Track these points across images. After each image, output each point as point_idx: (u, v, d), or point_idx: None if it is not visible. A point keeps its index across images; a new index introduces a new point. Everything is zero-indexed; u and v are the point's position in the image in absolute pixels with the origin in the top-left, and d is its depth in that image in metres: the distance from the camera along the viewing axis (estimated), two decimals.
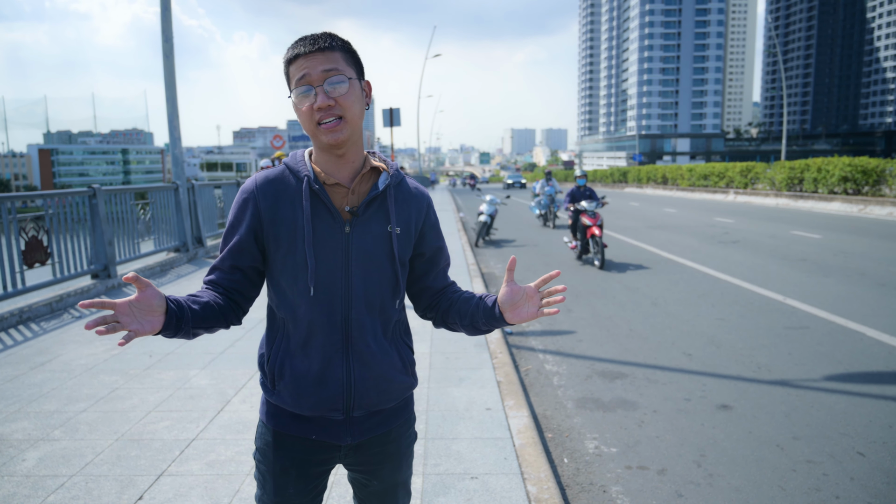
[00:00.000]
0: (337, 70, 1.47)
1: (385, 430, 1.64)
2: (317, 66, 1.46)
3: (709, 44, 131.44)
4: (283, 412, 1.58)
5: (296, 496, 1.60)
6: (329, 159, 1.54)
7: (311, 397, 1.52)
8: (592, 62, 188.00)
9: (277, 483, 1.59)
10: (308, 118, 1.48)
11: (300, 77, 1.46)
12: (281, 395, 1.55)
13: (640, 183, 43.73)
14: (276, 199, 1.52)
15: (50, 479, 3.06)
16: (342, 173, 1.54)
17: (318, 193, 1.51)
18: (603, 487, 3.22)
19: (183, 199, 10.27)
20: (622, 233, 14.99)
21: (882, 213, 17.72)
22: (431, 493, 2.92)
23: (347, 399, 1.54)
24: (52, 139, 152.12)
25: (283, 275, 1.53)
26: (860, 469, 3.29)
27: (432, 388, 4.33)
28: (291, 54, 1.48)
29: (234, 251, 1.54)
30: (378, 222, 1.55)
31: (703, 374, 4.87)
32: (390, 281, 1.57)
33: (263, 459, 1.62)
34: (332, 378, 1.52)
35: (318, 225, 1.50)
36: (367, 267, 1.53)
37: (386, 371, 1.57)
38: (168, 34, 10.29)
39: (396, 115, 22.30)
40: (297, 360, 1.53)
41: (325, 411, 1.54)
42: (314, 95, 1.46)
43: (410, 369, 1.66)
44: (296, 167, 1.55)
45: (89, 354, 5.13)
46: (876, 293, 7.41)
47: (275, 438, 1.59)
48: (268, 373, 1.58)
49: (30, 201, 7.53)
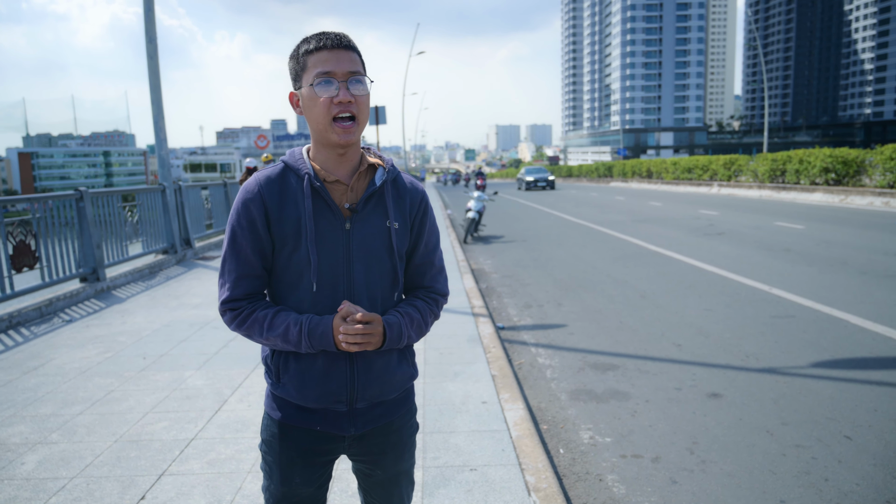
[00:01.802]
0: (360, 73, 1.52)
1: (388, 421, 1.68)
2: (343, 63, 1.49)
3: (690, 38, 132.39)
4: (289, 404, 1.62)
5: (302, 485, 1.65)
6: (330, 157, 1.56)
7: (315, 390, 1.56)
8: (576, 58, 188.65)
9: (284, 473, 1.63)
10: (325, 110, 1.49)
11: (324, 70, 1.48)
12: (286, 388, 1.59)
13: (625, 177, 44.00)
14: (282, 197, 1.55)
15: (51, 482, 3.07)
16: (342, 170, 1.57)
17: (319, 191, 1.54)
18: (599, 476, 3.28)
19: (170, 200, 10.23)
20: (609, 227, 15.11)
21: (863, 202, 17.99)
22: (432, 486, 2.97)
23: (351, 391, 1.58)
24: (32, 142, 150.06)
25: (286, 272, 1.56)
26: (848, 452, 3.37)
27: (428, 382, 4.37)
28: (314, 46, 1.50)
29: (258, 253, 1.56)
30: (377, 218, 1.59)
31: (692, 364, 4.95)
32: (390, 274, 1.61)
33: (270, 451, 1.65)
34: (336, 371, 1.56)
35: (319, 222, 1.54)
36: (368, 261, 1.57)
37: (388, 363, 1.62)
38: (152, 35, 10.22)
39: (382, 113, 22.23)
40: (302, 355, 1.56)
41: (329, 403, 1.58)
42: (336, 89, 1.48)
43: (411, 360, 1.70)
44: (296, 165, 1.57)
45: (82, 358, 5.11)
46: (858, 281, 7.55)
47: (280, 430, 1.63)
48: (272, 367, 1.61)
49: (10, 206, 7.45)
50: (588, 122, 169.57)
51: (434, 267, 1.73)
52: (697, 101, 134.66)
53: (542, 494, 2.87)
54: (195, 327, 6.00)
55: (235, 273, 1.55)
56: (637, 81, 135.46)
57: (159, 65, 10.32)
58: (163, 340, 5.58)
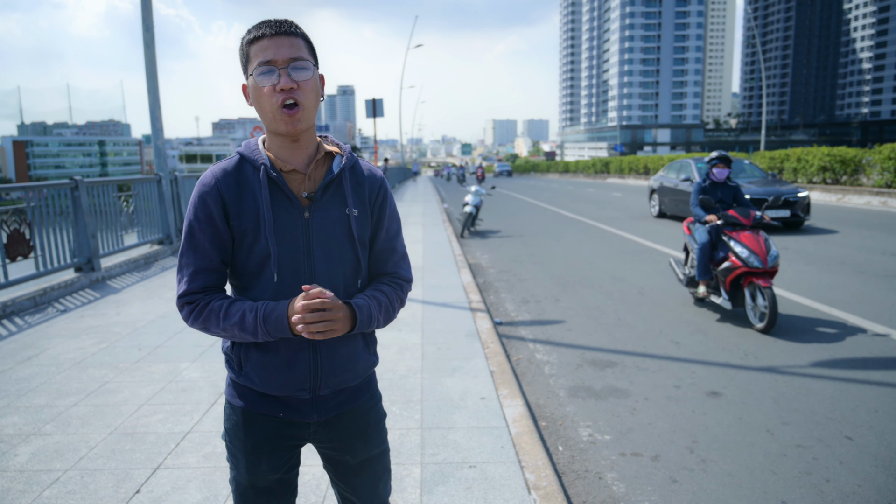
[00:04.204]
0: (302, 57, 1.49)
1: (352, 406, 1.68)
2: (282, 50, 1.47)
3: (689, 35, 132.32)
4: (250, 391, 1.60)
5: (269, 471, 1.62)
6: (283, 145, 1.55)
7: (278, 378, 1.55)
8: (574, 53, 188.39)
9: (250, 460, 1.61)
10: (269, 99, 1.47)
11: (265, 59, 1.46)
12: (248, 377, 1.57)
13: (621, 173, 43.98)
14: (239, 190, 1.53)
15: (44, 474, 3.03)
16: (297, 159, 1.56)
17: (276, 181, 1.52)
18: (598, 474, 3.26)
19: (166, 190, 10.16)
20: (607, 223, 15.09)
21: (860, 201, 18.01)
22: (431, 482, 2.94)
23: (314, 380, 1.57)
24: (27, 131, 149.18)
25: (247, 264, 1.55)
26: (849, 453, 3.36)
27: (426, 378, 4.34)
28: (254, 35, 1.49)
29: (216, 246, 1.53)
30: (336, 206, 1.58)
31: (691, 362, 4.93)
32: (352, 262, 1.60)
33: (234, 440, 1.63)
34: (299, 361, 1.55)
35: (278, 212, 1.52)
36: (329, 250, 1.56)
37: (351, 352, 1.61)
38: (148, 23, 10.11)
39: (379, 106, 22.17)
40: (263, 345, 1.55)
41: (293, 391, 1.57)
42: (277, 76, 1.46)
43: (373, 348, 1.70)
44: (251, 156, 1.55)
45: (77, 348, 5.06)
46: (856, 280, 7.54)
47: (243, 418, 1.61)
48: (234, 357, 1.59)
49: (5, 194, 7.38)
50: (585, 117, 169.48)
51: (397, 253, 1.71)
52: (695, 98, 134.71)
53: (542, 492, 2.84)
54: None
55: (193, 267, 1.53)
56: (635, 77, 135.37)
57: (156, 54, 10.22)
58: (158, 331, 5.53)
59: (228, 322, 1.48)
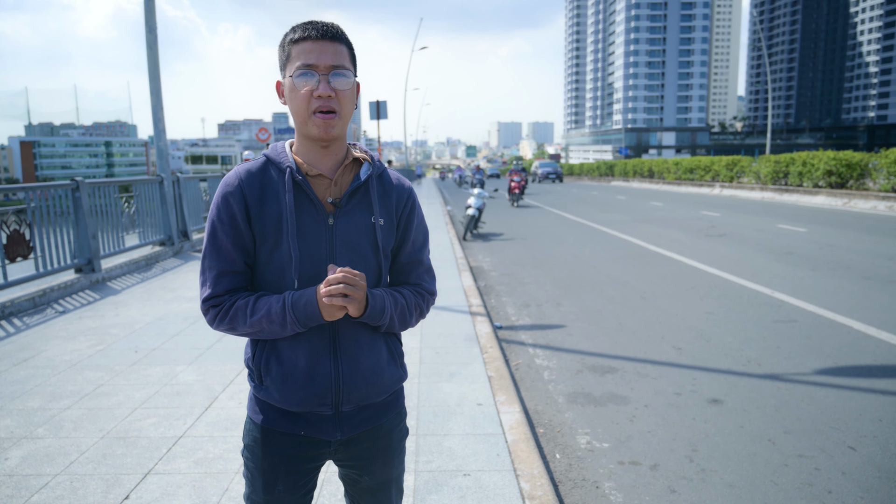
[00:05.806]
0: (344, 66, 1.46)
1: (376, 425, 1.61)
2: (325, 56, 1.44)
3: (694, 38, 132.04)
4: (271, 408, 1.55)
5: (286, 493, 1.58)
6: (312, 149, 1.51)
7: (298, 392, 1.50)
8: (579, 56, 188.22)
9: (266, 480, 1.56)
10: (304, 103, 1.44)
11: (307, 62, 1.43)
12: (268, 391, 1.52)
13: (626, 176, 43.88)
14: (262, 192, 1.49)
15: (34, 479, 3.00)
16: (325, 164, 1.52)
17: (301, 185, 1.48)
18: (596, 483, 3.20)
19: (168, 191, 10.14)
20: (610, 226, 15.02)
21: (866, 206, 17.89)
22: (424, 491, 2.89)
23: (336, 394, 1.52)
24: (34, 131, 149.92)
25: (268, 269, 1.50)
26: (852, 463, 3.29)
27: (423, 383, 4.29)
28: (299, 35, 1.45)
29: (239, 248, 1.50)
30: (361, 213, 1.53)
31: (693, 368, 4.87)
32: (374, 272, 1.56)
33: (252, 456, 1.58)
34: (319, 373, 1.50)
35: (301, 217, 1.48)
36: (352, 258, 1.51)
37: (375, 364, 1.55)
38: (152, 25, 10.12)
39: (383, 108, 22.18)
40: (284, 356, 1.50)
41: (314, 406, 1.52)
42: (317, 82, 1.43)
43: (399, 361, 1.64)
44: (277, 159, 1.52)
45: (73, 350, 5.03)
46: (862, 286, 7.46)
47: (263, 435, 1.56)
48: (254, 369, 1.55)
49: (11, 194, 7.38)
50: (590, 120, 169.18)
51: (422, 265, 1.66)
52: (700, 101, 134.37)
53: (536, 502, 2.78)
54: (189, 321, 5.91)
55: (217, 269, 1.49)
56: (640, 80, 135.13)
57: (159, 55, 10.22)
58: (156, 334, 5.50)
59: (255, 316, 1.44)
